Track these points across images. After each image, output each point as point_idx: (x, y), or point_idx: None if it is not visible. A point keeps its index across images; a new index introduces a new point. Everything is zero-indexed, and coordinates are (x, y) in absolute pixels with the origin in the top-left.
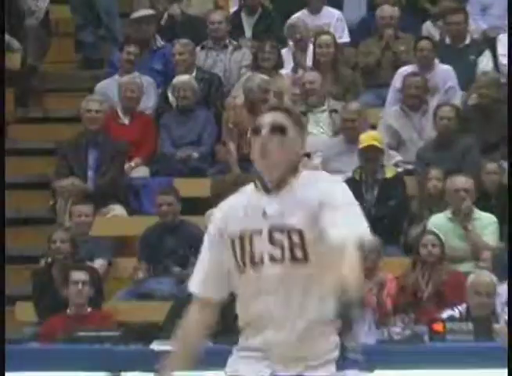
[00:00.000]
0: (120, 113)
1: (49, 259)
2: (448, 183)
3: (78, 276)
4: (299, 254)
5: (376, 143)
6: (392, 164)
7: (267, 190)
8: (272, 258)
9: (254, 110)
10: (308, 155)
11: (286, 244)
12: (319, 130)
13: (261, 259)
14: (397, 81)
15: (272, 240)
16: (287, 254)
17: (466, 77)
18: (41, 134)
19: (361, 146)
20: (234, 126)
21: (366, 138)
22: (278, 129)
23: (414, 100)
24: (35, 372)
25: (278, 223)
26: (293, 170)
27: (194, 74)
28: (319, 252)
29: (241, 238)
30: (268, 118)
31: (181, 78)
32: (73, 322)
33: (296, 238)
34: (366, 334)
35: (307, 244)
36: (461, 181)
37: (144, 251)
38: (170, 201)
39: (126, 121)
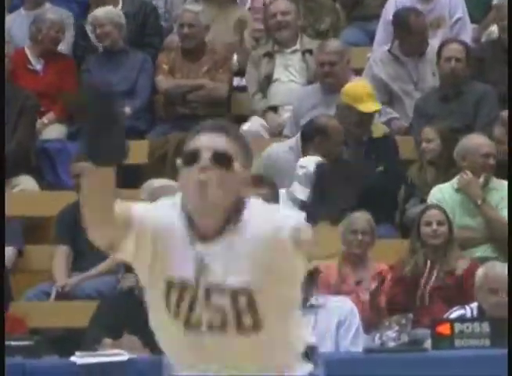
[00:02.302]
0: (31, 57)
1: None
2: (457, 144)
3: None
4: (247, 321)
5: (378, 107)
6: (382, 122)
7: (202, 238)
8: (210, 326)
9: (192, 57)
10: (275, 109)
11: (228, 309)
12: (289, 76)
13: (199, 322)
14: (389, 13)
15: (209, 304)
16: (232, 321)
17: (480, 5)
18: None
19: (362, 108)
20: (166, 74)
21: (361, 93)
22: (221, 160)
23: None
24: None
25: (217, 282)
26: (239, 210)
27: (120, 4)
28: (279, 310)
29: (169, 286)
30: (206, 142)
31: (100, 11)
32: None
33: (243, 302)
34: (351, 341)
35: (258, 306)
36: (478, 141)
37: (62, 235)
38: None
39: (38, 66)
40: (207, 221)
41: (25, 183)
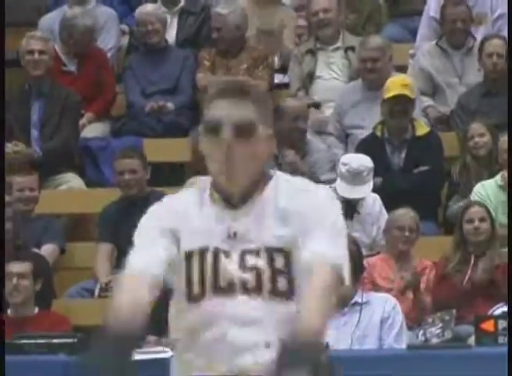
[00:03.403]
0: (64, 59)
1: None
2: (500, 140)
3: (17, 267)
4: (283, 285)
5: (406, 92)
6: (422, 111)
7: (230, 204)
8: (245, 288)
9: (231, 55)
10: (317, 106)
11: (265, 269)
12: (331, 73)
13: (231, 286)
14: (432, 9)
15: (244, 265)
16: (267, 284)
17: None
18: None
19: (386, 95)
20: (207, 71)
21: (393, 84)
22: (244, 131)
23: (455, 35)
24: None
25: (251, 245)
26: (265, 176)
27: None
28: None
29: (201, 254)
30: (228, 110)
31: (148, 8)
32: (15, 327)
33: (280, 262)
34: (394, 338)
35: (294, 270)
36: None
37: (105, 232)
38: (133, 167)
39: (72, 67)
40: (233, 187)
41: (69, 181)
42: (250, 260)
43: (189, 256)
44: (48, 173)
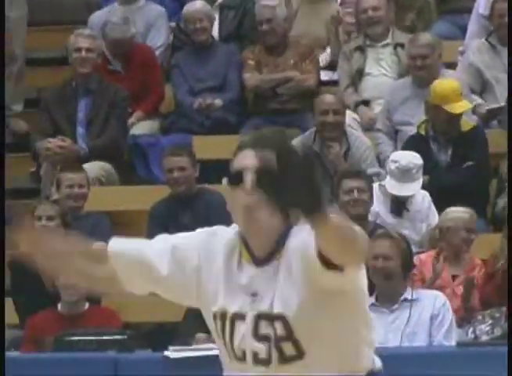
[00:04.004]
0: (110, 58)
1: None
2: None
3: None
4: (288, 350)
5: (470, 107)
6: (471, 110)
7: (256, 261)
8: (256, 358)
9: (276, 52)
10: (367, 103)
11: (272, 337)
12: (381, 70)
13: (243, 356)
14: (481, 6)
15: (256, 332)
16: (273, 353)
17: None
18: None
19: (450, 109)
20: (253, 71)
21: (450, 93)
22: (265, 180)
23: (505, 30)
24: None
25: (267, 309)
26: (288, 230)
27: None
28: (325, 331)
29: (222, 318)
30: (249, 161)
31: (196, 5)
32: (66, 323)
33: (280, 329)
34: (444, 335)
35: (297, 332)
36: None
37: (154, 230)
38: (182, 165)
39: (118, 66)
40: (258, 242)
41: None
42: (264, 328)
43: (214, 317)
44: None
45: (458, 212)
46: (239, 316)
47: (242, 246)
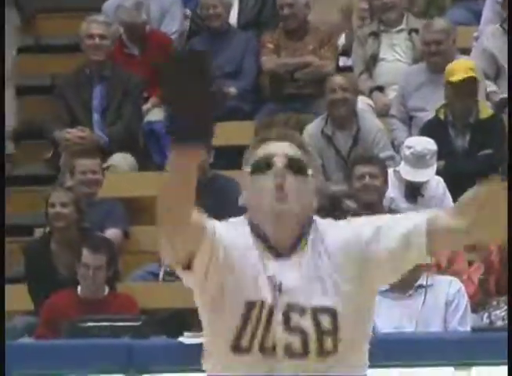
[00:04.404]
0: (126, 40)
1: (47, 229)
2: None
3: (93, 259)
4: (329, 344)
5: (473, 74)
6: (485, 97)
7: (276, 253)
8: (289, 351)
9: (295, 37)
10: (381, 89)
11: (311, 331)
12: (395, 56)
13: (274, 347)
14: None
15: (288, 325)
16: (313, 346)
17: None
18: (33, 67)
19: (452, 78)
20: (271, 54)
21: (458, 67)
22: (297, 167)
23: None
24: None
25: (297, 301)
26: (310, 224)
27: None
28: (352, 328)
29: (248, 309)
30: (278, 149)
31: None
32: (85, 307)
33: (326, 322)
34: (459, 320)
35: (341, 329)
36: None
37: None
38: None
39: (135, 50)
40: (283, 232)
41: (126, 164)
42: (295, 319)
43: (250, 307)
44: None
45: None
46: (267, 308)
47: (257, 239)
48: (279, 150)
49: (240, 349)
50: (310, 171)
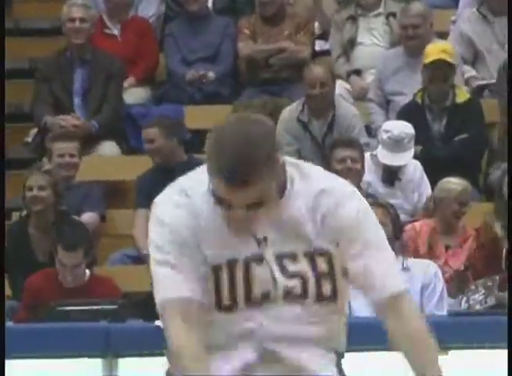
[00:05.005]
0: (107, 20)
1: (24, 212)
2: None
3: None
4: (327, 288)
5: (445, 57)
6: (464, 81)
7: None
8: (289, 294)
9: (272, 22)
10: (358, 72)
11: (308, 273)
12: (373, 40)
13: (267, 295)
14: None
15: (286, 272)
16: (312, 288)
17: None
18: (12, 51)
19: (426, 60)
20: (248, 40)
21: (432, 50)
22: (256, 204)
23: (496, 0)
24: (8, 360)
25: (286, 248)
26: (283, 191)
27: None
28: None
29: (230, 266)
30: (235, 198)
31: None
32: (66, 292)
33: (323, 264)
34: (435, 304)
35: (337, 273)
36: None
37: (141, 200)
38: (153, 137)
39: (115, 30)
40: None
41: (109, 148)
42: (291, 266)
43: (216, 269)
44: (88, 141)
45: (452, 183)
46: (256, 259)
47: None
48: (237, 198)
49: (226, 308)
50: (267, 181)
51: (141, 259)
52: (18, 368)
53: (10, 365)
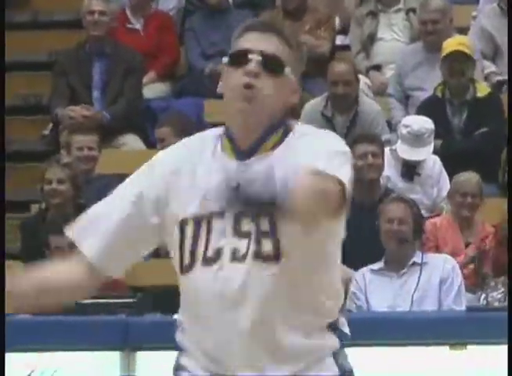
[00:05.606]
0: (131, 17)
1: (43, 205)
2: None
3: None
4: (267, 248)
5: (462, 48)
6: (484, 77)
7: (238, 154)
8: (234, 255)
9: (293, 17)
10: (378, 68)
11: (253, 233)
12: (393, 35)
13: (218, 254)
14: None
15: (237, 229)
16: (252, 247)
17: None
18: (31, 43)
19: (444, 53)
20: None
21: (450, 43)
22: (272, 65)
23: None
24: (25, 353)
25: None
26: (279, 126)
27: None
28: (306, 247)
29: (197, 222)
30: (254, 43)
31: None
32: None
33: (264, 224)
34: (453, 299)
35: (281, 233)
36: None
37: None
38: (164, 136)
39: (138, 25)
40: (247, 131)
41: (129, 142)
42: (246, 225)
43: (183, 224)
44: (109, 134)
45: (461, 175)
46: (217, 215)
47: (225, 139)
48: (257, 44)
49: (184, 268)
50: (288, 70)
51: (158, 253)
52: (34, 361)
53: (26, 357)
